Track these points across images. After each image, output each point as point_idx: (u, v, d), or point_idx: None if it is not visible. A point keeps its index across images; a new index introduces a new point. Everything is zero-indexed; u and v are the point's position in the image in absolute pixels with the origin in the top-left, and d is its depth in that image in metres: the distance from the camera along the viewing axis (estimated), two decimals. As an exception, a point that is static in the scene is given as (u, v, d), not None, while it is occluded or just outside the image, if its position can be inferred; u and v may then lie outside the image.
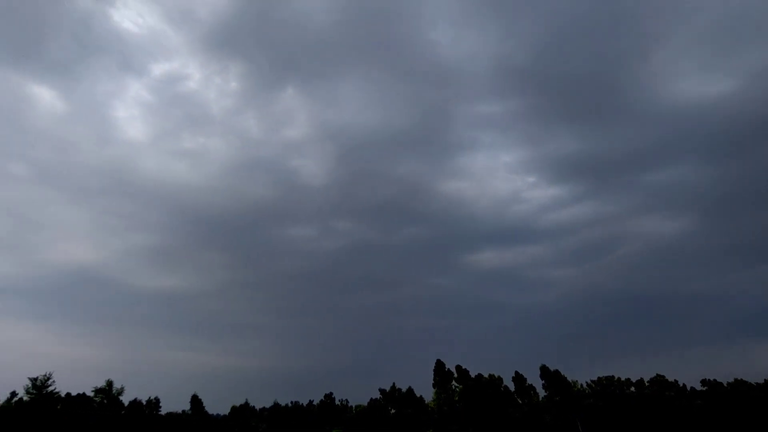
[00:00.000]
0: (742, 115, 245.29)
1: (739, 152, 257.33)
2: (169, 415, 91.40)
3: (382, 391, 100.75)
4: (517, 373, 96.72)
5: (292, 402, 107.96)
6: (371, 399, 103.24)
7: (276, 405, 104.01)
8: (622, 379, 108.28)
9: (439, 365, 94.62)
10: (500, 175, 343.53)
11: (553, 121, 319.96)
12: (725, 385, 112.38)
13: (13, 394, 75.50)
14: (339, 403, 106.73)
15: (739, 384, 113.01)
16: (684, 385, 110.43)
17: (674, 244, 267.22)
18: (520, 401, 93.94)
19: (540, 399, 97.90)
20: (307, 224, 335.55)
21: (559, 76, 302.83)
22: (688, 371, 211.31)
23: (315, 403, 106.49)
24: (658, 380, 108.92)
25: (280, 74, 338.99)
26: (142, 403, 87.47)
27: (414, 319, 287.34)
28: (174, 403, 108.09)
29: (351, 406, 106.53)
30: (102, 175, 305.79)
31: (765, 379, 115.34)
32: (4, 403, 75.09)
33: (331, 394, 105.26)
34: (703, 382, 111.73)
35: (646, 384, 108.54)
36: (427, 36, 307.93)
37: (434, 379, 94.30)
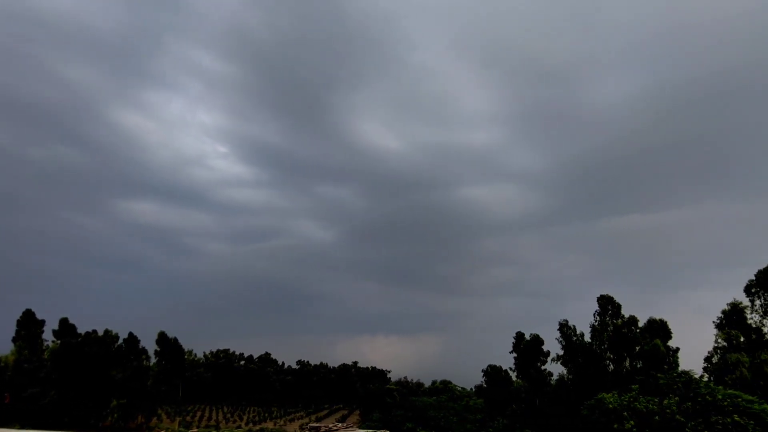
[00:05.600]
0: (397, 170, 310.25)
1: (384, 197, 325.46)
2: None
3: None
4: (131, 334, 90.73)
5: None
6: None
7: None
8: (237, 353, 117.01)
9: (28, 316, 78.32)
10: (192, 132, 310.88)
11: (265, 107, 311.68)
12: (312, 366, 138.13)
13: None
14: None
15: (322, 366, 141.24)
16: (283, 363, 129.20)
17: (318, 250, 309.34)
18: (133, 364, 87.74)
19: (151, 364, 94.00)
20: None
21: (286, 69, 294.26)
22: (291, 352, 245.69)
23: None
24: (265, 357, 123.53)
25: None
26: None
27: (27, 257, 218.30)
28: None
29: None
30: None
31: (340, 365, 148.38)
32: None
33: None
34: (298, 362, 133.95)
35: (255, 359, 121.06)
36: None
37: (18, 332, 76.70)
